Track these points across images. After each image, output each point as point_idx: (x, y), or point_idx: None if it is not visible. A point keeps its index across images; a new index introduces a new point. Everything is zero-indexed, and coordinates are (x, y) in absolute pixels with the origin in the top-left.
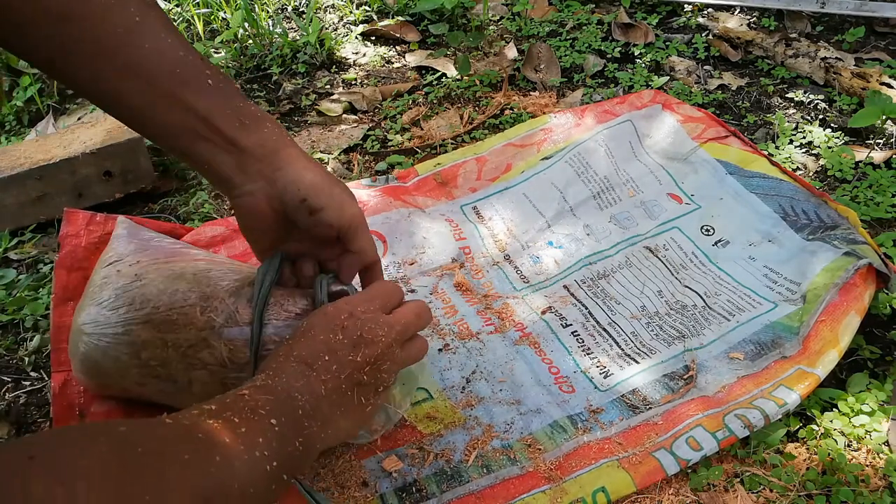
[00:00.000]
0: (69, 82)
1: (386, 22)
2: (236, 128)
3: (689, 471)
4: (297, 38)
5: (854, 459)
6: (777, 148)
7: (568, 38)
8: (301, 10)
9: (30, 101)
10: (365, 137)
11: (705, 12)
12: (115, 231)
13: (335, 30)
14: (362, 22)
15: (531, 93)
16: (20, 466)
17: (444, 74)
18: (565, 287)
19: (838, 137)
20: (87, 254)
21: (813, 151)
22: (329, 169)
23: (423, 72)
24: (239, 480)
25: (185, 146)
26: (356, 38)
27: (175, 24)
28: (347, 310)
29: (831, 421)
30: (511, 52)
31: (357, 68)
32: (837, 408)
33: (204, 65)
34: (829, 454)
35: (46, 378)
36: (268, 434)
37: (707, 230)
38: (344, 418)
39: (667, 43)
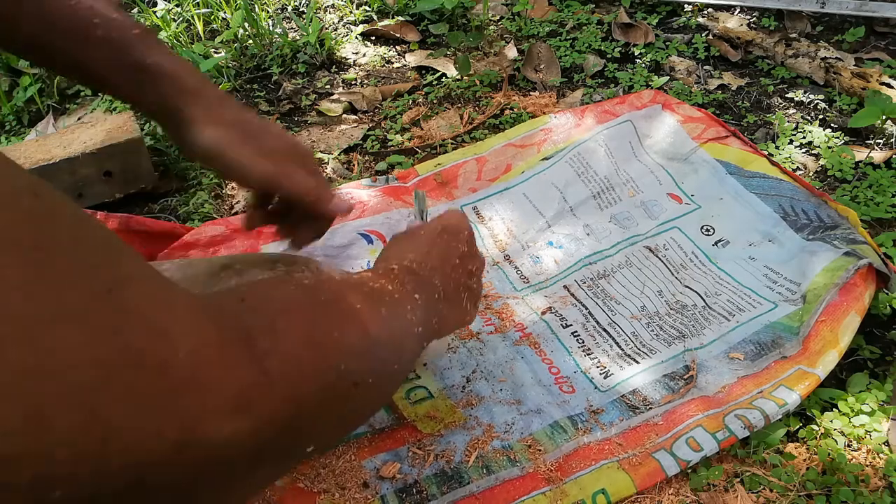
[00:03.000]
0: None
1: (386, 22)
2: (134, 87)
3: (689, 471)
4: (297, 38)
5: (854, 459)
6: (777, 148)
7: (568, 38)
8: (301, 10)
9: (30, 101)
10: (365, 137)
11: (705, 12)
12: None
13: (335, 30)
14: (362, 22)
15: (531, 93)
16: (235, 307)
17: (444, 74)
18: (565, 287)
19: (838, 137)
20: None
21: (813, 151)
22: (329, 169)
23: (423, 72)
24: (396, 331)
25: (111, 94)
26: (356, 38)
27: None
28: (465, 229)
29: (831, 421)
30: (511, 52)
31: (357, 68)
32: (837, 408)
33: (92, 13)
34: (829, 454)
35: None
36: (413, 304)
37: (707, 230)
38: (454, 313)
39: (667, 43)
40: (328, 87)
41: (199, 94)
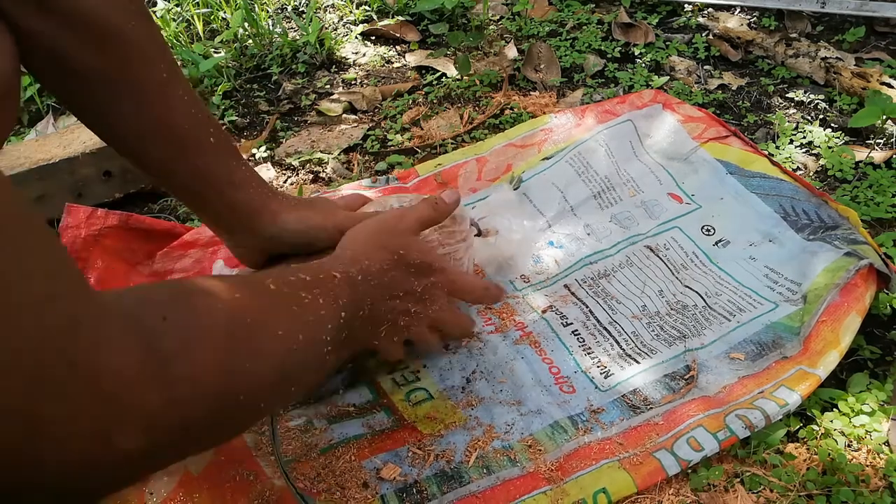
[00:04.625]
0: (97, 121)
1: (386, 22)
2: (230, 187)
3: (690, 471)
4: (297, 37)
5: (854, 459)
6: (777, 148)
7: (568, 37)
8: (301, 9)
9: (30, 101)
10: (365, 137)
11: (705, 12)
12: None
13: (335, 30)
14: (362, 22)
15: (531, 93)
16: (156, 324)
17: (444, 74)
18: (566, 286)
19: (838, 137)
20: (86, 245)
21: (813, 151)
22: (329, 169)
23: (423, 72)
24: (307, 357)
25: (189, 201)
26: (356, 37)
27: (177, 24)
28: (440, 277)
29: (831, 421)
30: (511, 51)
31: (357, 68)
32: (838, 408)
33: (210, 121)
34: (829, 454)
35: None
36: (335, 323)
37: (707, 230)
38: (364, 334)
39: (667, 43)
40: (328, 86)
41: (275, 192)
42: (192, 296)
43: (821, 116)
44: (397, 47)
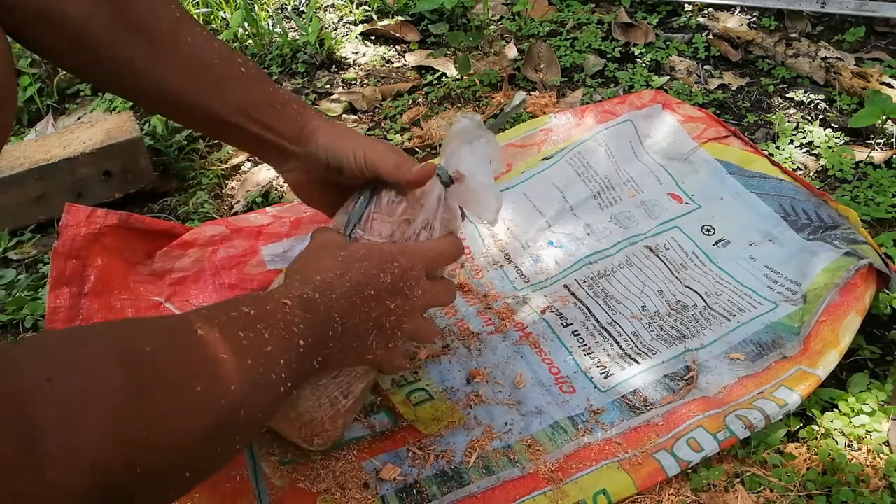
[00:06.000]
0: (113, 77)
1: (386, 22)
2: (269, 113)
3: (690, 471)
4: (297, 37)
5: (854, 459)
6: (777, 148)
7: (568, 37)
8: (301, 9)
9: (29, 101)
10: None
11: (705, 12)
12: None
13: (335, 30)
14: (362, 22)
15: (531, 93)
16: (37, 387)
17: (444, 74)
18: (566, 287)
19: (838, 137)
20: (85, 243)
21: (813, 151)
22: None
23: (423, 72)
24: (249, 406)
25: (232, 136)
26: (356, 37)
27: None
28: (403, 260)
29: (832, 421)
30: (511, 51)
31: (357, 68)
32: (838, 408)
33: (235, 53)
34: (829, 454)
35: None
36: (291, 355)
37: (707, 230)
38: (351, 351)
39: (667, 43)
40: (328, 86)
41: (316, 110)
42: (89, 355)
43: (821, 116)
44: (397, 47)
